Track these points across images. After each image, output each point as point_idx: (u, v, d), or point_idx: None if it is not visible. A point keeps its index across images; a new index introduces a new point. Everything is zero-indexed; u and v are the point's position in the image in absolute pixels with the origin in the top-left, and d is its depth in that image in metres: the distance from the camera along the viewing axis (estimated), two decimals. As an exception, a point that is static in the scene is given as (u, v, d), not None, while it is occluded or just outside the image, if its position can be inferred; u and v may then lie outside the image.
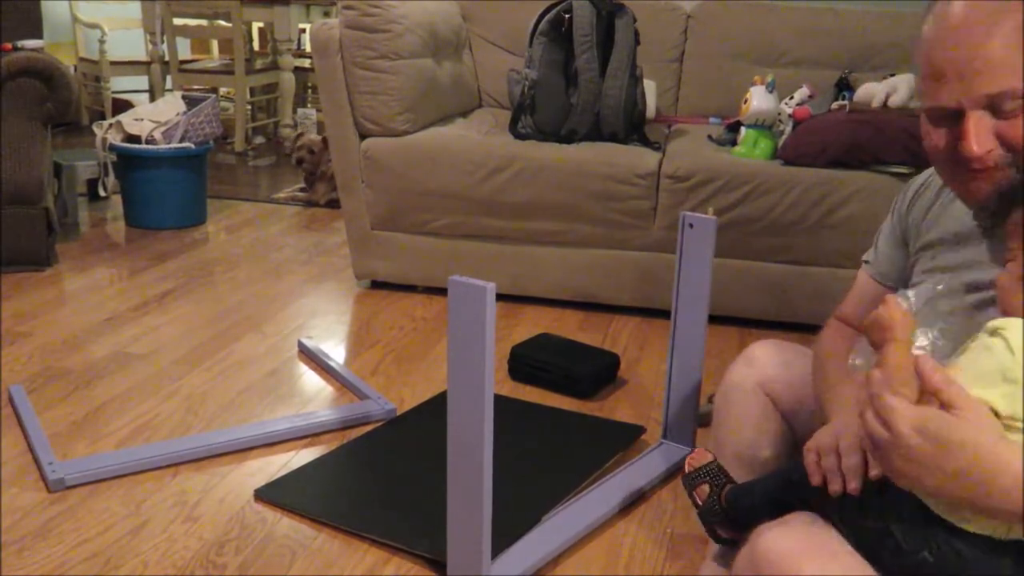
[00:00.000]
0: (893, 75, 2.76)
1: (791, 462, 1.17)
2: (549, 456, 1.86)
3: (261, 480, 1.74)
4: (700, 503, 1.28)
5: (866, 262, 1.32)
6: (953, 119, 0.98)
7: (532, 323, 2.59)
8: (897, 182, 2.39)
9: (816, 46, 3.13)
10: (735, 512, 1.23)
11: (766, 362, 1.37)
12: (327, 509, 1.65)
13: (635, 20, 2.72)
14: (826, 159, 2.46)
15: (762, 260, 2.54)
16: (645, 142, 2.72)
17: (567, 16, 2.66)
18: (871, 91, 2.70)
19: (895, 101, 2.65)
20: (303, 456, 1.84)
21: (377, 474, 1.78)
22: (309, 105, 5.48)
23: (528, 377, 2.22)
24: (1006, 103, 0.96)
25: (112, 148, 3.31)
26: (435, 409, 1.98)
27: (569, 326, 2.59)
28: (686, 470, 1.31)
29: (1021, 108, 0.96)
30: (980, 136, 0.97)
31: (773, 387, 1.35)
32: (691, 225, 1.76)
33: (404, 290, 2.81)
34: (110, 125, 3.37)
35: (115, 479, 1.72)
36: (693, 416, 1.87)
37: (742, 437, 1.34)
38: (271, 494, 1.69)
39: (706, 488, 1.27)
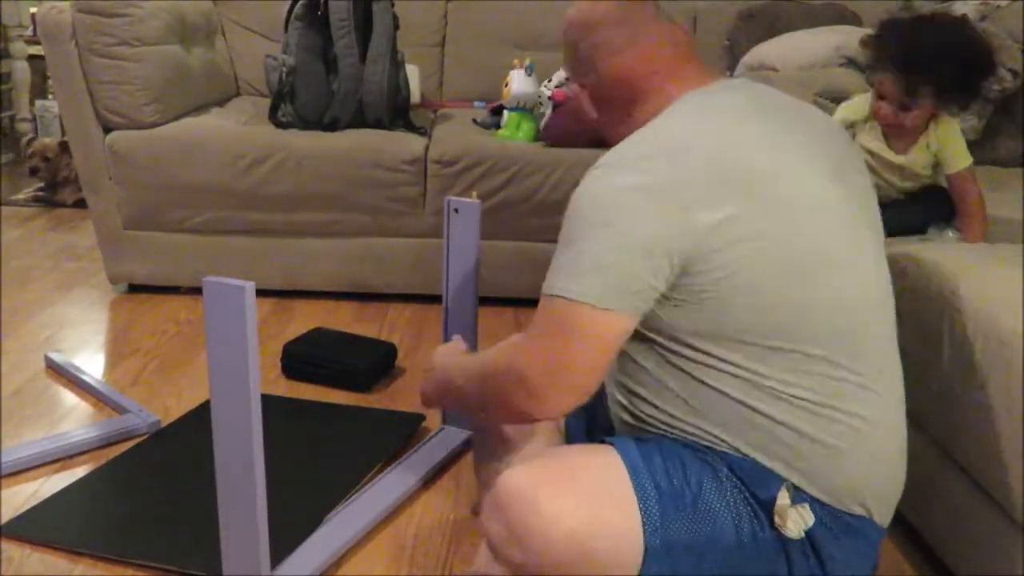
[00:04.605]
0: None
1: None
2: (329, 454, 1.81)
3: (6, 515, 1.57)
4: None
5: None
6: None
7: (306, 318, 2.51)
8: (650, 159, 2.51)
9: (571, 30, 3.22)
10: None
11: None
12: (84, 537, 1.52)
13: (393, 4, 2.69)
14: (584, 139, 2.54)
15: (531, 240, 2.60)
16: (411, 128, 2.70)
17: (322, 0, 2.59)
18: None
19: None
20: (55, 482, 1.68)
21: (141, 493, 1.66)
22: (50, 96, 5.02)
23: (304, 374, 2.15)
24: None
25: None
26: (203, 417, 1.87)
27: (344, 318, 2.53)
28: None
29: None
30: None
31: None
32: (456, 210, 1.76)
33: (165, 292, 2.64)
34: None
35: None
36: (471, 399, 1.89)
37: None
38: (17, 529, 1.53)
39: None
